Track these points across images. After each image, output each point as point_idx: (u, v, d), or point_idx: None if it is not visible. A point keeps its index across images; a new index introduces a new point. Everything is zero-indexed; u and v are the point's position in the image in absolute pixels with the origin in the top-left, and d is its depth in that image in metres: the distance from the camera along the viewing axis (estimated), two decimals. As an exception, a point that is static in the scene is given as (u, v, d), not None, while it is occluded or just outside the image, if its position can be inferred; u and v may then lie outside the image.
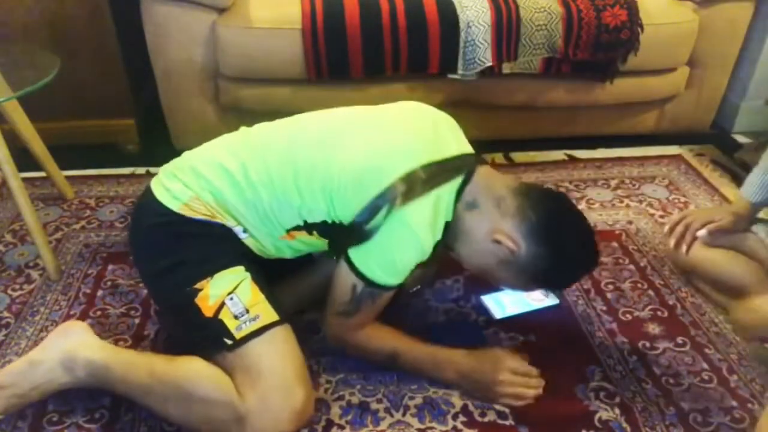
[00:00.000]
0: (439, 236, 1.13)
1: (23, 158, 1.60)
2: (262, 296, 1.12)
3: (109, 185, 1.90)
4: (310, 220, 1.14)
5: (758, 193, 1.40)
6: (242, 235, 1.17)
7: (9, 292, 1.47)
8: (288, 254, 1.25)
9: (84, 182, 1.90)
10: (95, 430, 1.14)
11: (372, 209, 1.07)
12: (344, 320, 1.18)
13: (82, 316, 1.39)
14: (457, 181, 1.15)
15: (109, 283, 1.49)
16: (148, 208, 1.18)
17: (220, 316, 1.09)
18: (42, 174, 1.79)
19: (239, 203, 1.14)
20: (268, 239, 1.19)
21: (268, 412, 1.04)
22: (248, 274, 1.13)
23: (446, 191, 1.13)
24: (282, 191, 1.12)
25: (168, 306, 1.25)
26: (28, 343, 1.32)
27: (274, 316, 1.11)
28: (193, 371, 1.09)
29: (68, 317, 1.39)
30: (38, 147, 1.69)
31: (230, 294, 1.10)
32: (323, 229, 1.16)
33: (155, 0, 1.75)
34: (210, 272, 1.12)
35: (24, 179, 1.47)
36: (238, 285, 1.11)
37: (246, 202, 1.14)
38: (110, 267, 1.54)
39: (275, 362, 1.08)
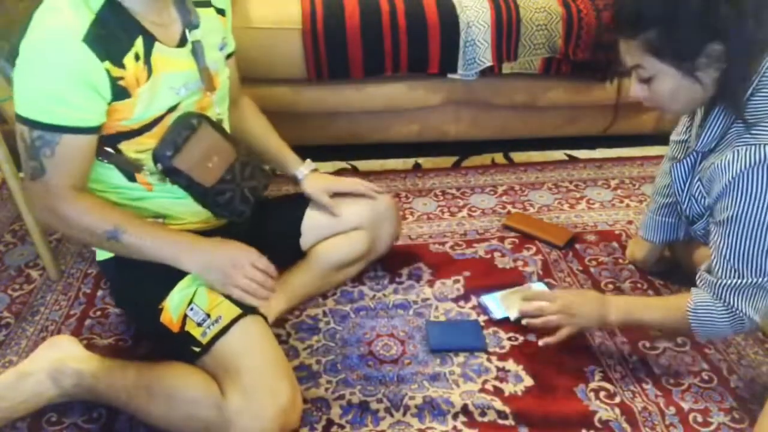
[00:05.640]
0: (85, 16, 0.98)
1: (23, 158, 1.60)
2: (220, 297, 1.12)
3: (109, 185, 1.90)
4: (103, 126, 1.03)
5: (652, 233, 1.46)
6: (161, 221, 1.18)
7: (9, 292, 1.47)
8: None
9: (84, 182, 1.90)
10: (94, 431, 1.14)
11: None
12: (38, 184, 1.03)
13: (82, 316, 1.39)
14: None
15: (109, 283, 1.49)
16: (101, 271, 1.33)
17: (186, 328, 1.10)
18: (42, 174, 1.79)
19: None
20: (165, 199, 1.16)
21: (251, 411, 1.01)
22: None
23: None
24: None
25: (150, 336, 1.29)
26: (28, 343, 1.32)
27: (236, 311, 1.10)
28: (177, 373, 1.09)
29: (68, 317, 1.39)
30: (38, 147, 1.69)
31: (189, 305, 1.11)
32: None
33: (155, 0, 1.75)
34: (166, 290, 1.13)
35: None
36: (194, 294, 1.12)
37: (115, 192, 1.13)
38: (110, 267, 1.54)
39: (251, 357, 1.07)
